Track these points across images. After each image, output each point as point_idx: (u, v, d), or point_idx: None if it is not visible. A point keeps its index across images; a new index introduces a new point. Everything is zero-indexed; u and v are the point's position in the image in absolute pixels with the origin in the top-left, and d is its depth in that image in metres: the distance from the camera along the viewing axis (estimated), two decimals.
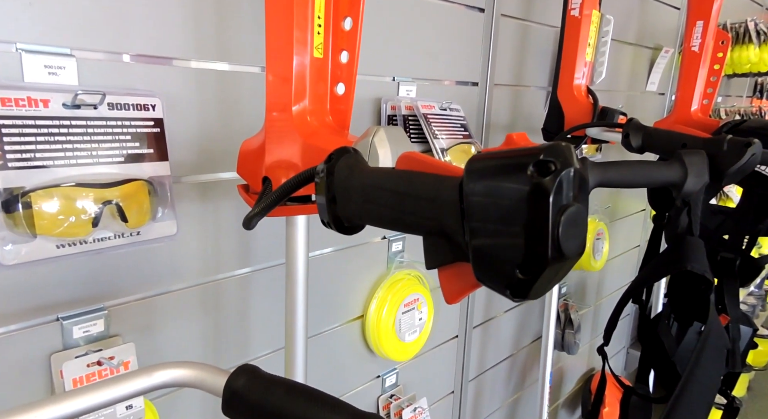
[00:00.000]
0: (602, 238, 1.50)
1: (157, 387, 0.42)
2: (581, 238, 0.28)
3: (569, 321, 1.54)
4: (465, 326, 1.21)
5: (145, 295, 0.63)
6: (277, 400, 0.40)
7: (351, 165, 0.39)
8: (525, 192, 0.26)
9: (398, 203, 0.34)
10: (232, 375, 0.41)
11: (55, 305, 0.56)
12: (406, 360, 1.02)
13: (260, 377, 0.41)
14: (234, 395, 0.41)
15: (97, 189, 0.49)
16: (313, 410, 0.40)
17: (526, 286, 0.28)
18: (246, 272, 0.75)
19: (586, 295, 1.69)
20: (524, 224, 0.27)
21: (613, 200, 1.71)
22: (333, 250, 0.87)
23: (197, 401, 0.72)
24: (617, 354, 2.01)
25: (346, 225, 0.40)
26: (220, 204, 0.69)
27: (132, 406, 0.58)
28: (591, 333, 1.76)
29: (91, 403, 0.38)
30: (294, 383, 0.41)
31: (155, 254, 0.62)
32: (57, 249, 0.48)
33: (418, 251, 1.03)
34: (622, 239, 1.82)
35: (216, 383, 0.42)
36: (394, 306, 0.95)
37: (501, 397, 1.41)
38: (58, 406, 0.37)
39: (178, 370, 0.42)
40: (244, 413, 0.41)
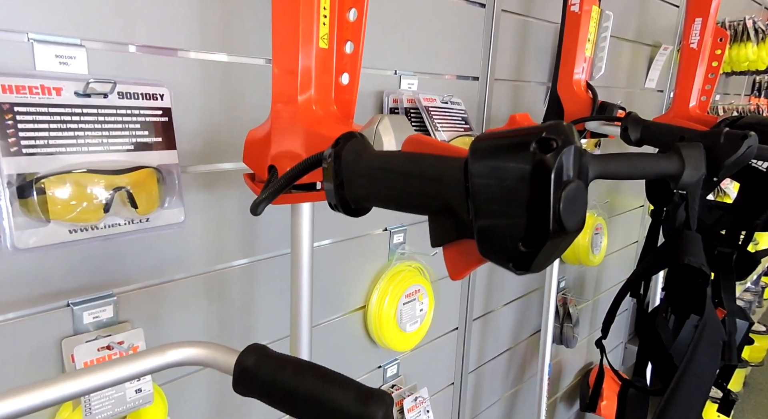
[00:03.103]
0: (601, 233, 1.52)
1: (169, 366, 0.43)
2: (581, 213, 0.29)
3: (568, 315, 1.56)
4: (465, 318, 1.23)
5: (153, 282, 0.64)
6: (286, 377, 0.41)
7: (358, 149, 0.40)
8: (528, 168, 0.28)
9: (404, 183, 0.35)
10: (242, 354, 0.43)
11: (66, 291, 0.57)
12: (407, 350, 1.03)
13: (269, 355, 0.43)
14: (244, 372, 0.42)
15: (108, 176, 0.50)
16: (322, 386, 0.41)
17: (528, 259, 0.29)
18: (251, 261, 0.76)
19: (585, 289, 1.70)
20: (527, 199, 0.28)
21: (612, 195, 1.72)
22: (335, 241, 0.88)
23: (204, 387, 0.73)
24: (615, 349, 2.02)
25: (353, 207, 0.41)
26: (226, 194, 0.70)
27: (141, 390, 0.59)
28: (589, 327, 1.78)
29: (107, 380, 0.40)
30: (302, 361, 0.43)
31: (163, 241, 0.63)
32: (69, 234, 0.49)
33: (419, 242, 1.05)
34: (621, 234, 1.84)
35: (226, 361, 0.43)
36: (395, 297, 0.96)
37: (500, 389, 1.43)
38: (75, 382, 0.38)
39: (190, 349, 0.44)
40: (254, 389, 0.42)
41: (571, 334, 1.54)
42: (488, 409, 1.39)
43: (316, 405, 0.40)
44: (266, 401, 0.42)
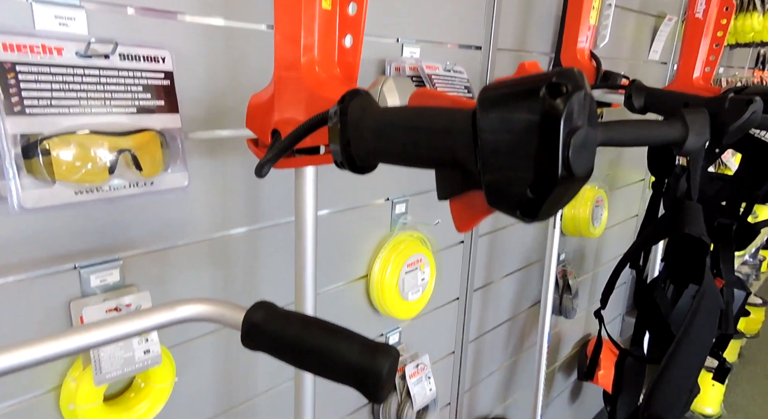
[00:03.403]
0: (601, 205, 1.52)
1: (178, 322, 0.44)
2: (590, 159, 0.29)
3: (567, 287, 1.57)
4: (466, 288, 1.24)
5: (159, 247, 0.65)
6: (293, 331, 0.42)
7: (363, 105, 0.40)
8: (537, 114, 0.28)
9: (412, 137, 0.35)
10: (250, 310, 0.43)
11: (73, 254, 0.57)
12: (409, 318, 1.04)
13: (277, 311, 0.43)
14: (252, 327, 0.43)
15: (112, 137, 0.50)
16: (328, 339, 0.42)
17: (535, 206, 0.29)
18: (255, 228, 0.76)
19: (585, 262, 1.72)
20: (536, 145, 0.28)
21: (613, 168, 1.72)
22: (337, 211, 0.88)
23: (210, 351, 0.74)
24: (613, 321, 2.05)
25: (359, 165, 0.41)
26: (229, 160, 0.70)
27: (149, 351, 0.60)
28: (588, 299, 1.80)
29: (118, 333, 0.40)
30: (308, 316, 0.43)
31: (168, 206, 0.63)
32: (75, 195, 0.49)
33: (420, 213, 1.05)
34: (621, 208, 1.84)
35: (235, 317, 0.44)
36: (397, 266, 0.97)
37: (500, 359, 1.45)
38: (88, 334, 0.39)
39: (199, 306, 0.44)
40: (263, 343, 0.43)
41: (570, 305, 1.56)
42: (488, 378, 1.42)
43: (323, 358, 0.41)
44: (274, 354, 0.43)
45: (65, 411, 0.57)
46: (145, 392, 0.62)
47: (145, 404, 0.62)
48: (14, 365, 0.35)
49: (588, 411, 2.04)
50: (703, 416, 1.96)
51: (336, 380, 0.41)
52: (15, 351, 0.36)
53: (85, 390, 0.56)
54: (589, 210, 1.47)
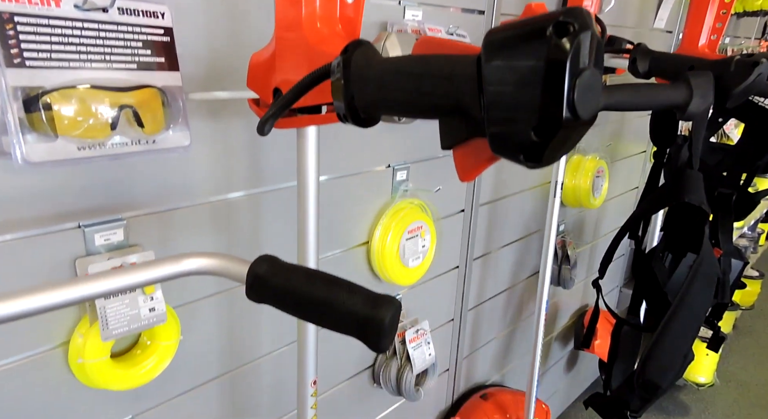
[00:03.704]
0: (602, 176, 1.52)
1: (184, 274, 0.45)
2: (596, 101, 0.29)
3: (566, 257, 1.59)
4: (466, 257, 1.25)
5: (162, 209, 0.65)
6: (297, 283, 0.43)
7: (367, 55, 0.39)
8: (544, 54, 0.27)
9: (415, 85, 0.35)
10: (254, 263, 0.44)
11: (77, 212, 0.57)
12: (409, 284, 1.06)
13: (280, 263, 0.44)
14: (257, 279, 0.43)
15: (113, 93, 0.50)
16: (332, 291, 0.42)
17: (539, 149, 0.29)
18: (257, 192, 0.76)
19: (584, 233, 1.73)
20: (541, 86, 0.28)
21: (614, 139, 1.71)
22: (338, 177, 0.88)
23: (215, 312, 0.75)
24: (610, 293, 2.08)
25: (362, 117, 0.41)
26: (231, 123, 0.70)
27: (154, 309, 0.61)
28: (587, 270, 1.82)
29: (126, 283, 0.41)
30: (312, 269, 0.44)
31: (170, 165, 0.63)
32: (78, 151, 0.49)
33: (421, 180, 1.05)
34: (621, 180, 1.84)
35: (239, 270, 0.44)
36: (398, 233, 0.98)
37: (498, 327, 1.48)
38: (97, 282, 0.39)
39: (205, 259, 0.45)
40: (267, 295, 0.43)
41: (569, 276, 1.58)
42: (486, 345, 1.45)
43: (326, 309, 0.42)
44: (278, 306, 0.43)
45: (74, 366, 0.59)
46: (151, 349, 0.64)
47: (152, 360, 0.63)
48: (24, 310, 0.36)
49: (583, 381, 2.09)
50: (696, 384, 2.00)
51: (339, 330, 0.42)
52: (25, 297, 0.36)
53: (92, 345, 0.57)
54: (589, 181, 1.47)
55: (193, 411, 0.76)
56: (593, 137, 1.59)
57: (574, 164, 1.49)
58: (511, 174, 1.31)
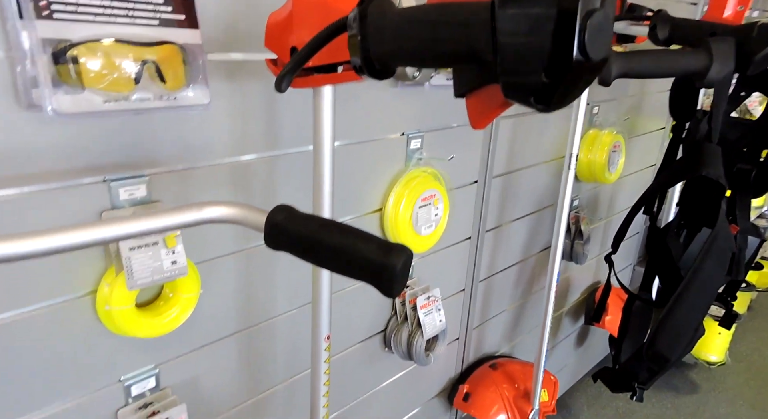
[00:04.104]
0: (618, 151, 1.50)
1: (206, 221, 0.47)
2: (605, 44, 0.30)
3: (579, 233, 1.59)
4: (478, 228, 1.26)
5: (182, 167, 0.67)
6: (313, 231, 0.45)
7: (383, 6, 0.40)
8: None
9: (431, 33, 0.36)
10: (272, 212, 0.46)
11: (102, 166, 0.60)
12: (421, 252, 1.07)
13: (297, 213, 0.46)
14: (274, 227, 0.45)
15: (136, 47, 0.51)
16: (346, 238, 0.44)
17: (549, 91, 0.30)
18: (273, 155, 0.78)
19: (598, 209, 1.72)
20: (553, 27, 0.29)
21: (633, 114, 1.69)
22: (353, 142, 0.90)
23: (233, 271, 0.78)
24: (624, 270, 2.07)
25: (378, 68, 0.42)
26: (249, 85, 0.71)
27: (176, 262, 0.64)
28: (600, 247, 1.82)
29: (152, 226, 0.43)
30: (327, 219, 0.46)
31: (190, 123, 0.65)
32: (104, 104, 0.51)
33: (435, 150, 1.06)
34: (638, 156, 1.82)
35: (258, 219, 0.46)
36: (411, 200, 0.99)
37: (509, 300, 1.49)
38: (124, 225, 0.41)
39: (225, 208, 0.47)
40: (284, 243, 0.45)
41: (581, 251, 1.58)
42: (496, 317, 1.47)
43: (341, 255, 0.44)
44: (295, 253, 0.45)
45: (101, 312, 0.62)
46: (174, 301, 0.67)
47: (174, 311, 0.66)
48: (57, 246, 0.38)
49: (593, 356, 2.11)
50: (707, 363, 2.01)
51: (353, 276, 0.44)
52: (58, 234, 0.39)
53: (118, 294, 0.60)
54: (605, 155, 1.46)
55: (212, 363, 0.80)
56: (610, 110, 1.57)
57: (590, 139, 1.48)
58: (525, 147, 1.31)
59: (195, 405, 0.79)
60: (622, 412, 1.94)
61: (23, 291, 0.58)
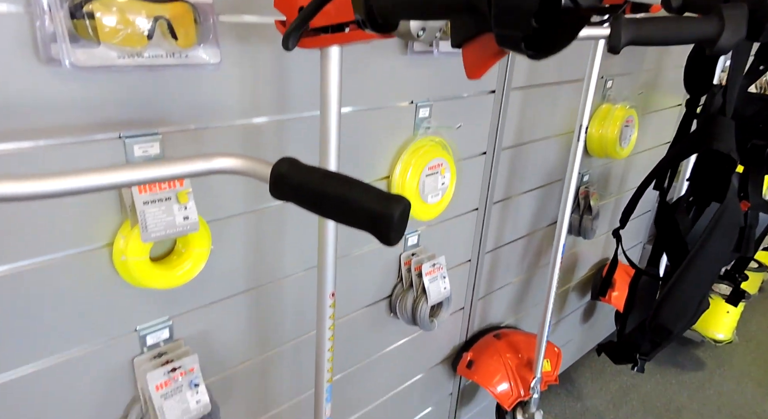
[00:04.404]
0: (631, 125, 1.49)
1: (214, 171, 0.49)
2: None
3: (588, 208, 1.59)
4: (486, 200, 1.27)
5: (194, 127, 0.70)
6: (316, 182, 0.47)
7: None
8: None
9: None
10: (277, 163, 0.48)
11: (118, 123, 0.62)
12: (428, 220, 1.09)
13: (300, 164, 0.48)
14: (279, 178, 0.47)
15: (149, 4, 0.53)
16: (347, 189, 0.46)
17: (539, 37, 0.31)
18: (282, 119, 0.80)
19: (609, 185, 1.72)
20: None
21: (648, 89, 1.66)
22: (362, 109, 0.91)
23: (243, 231, 0.81)
24: (633, 248, 2.07)
25: (380, 22, 0.43)
26: (259, 47, 0.73)
27: (188, 217, 0.67)
28: (609, 224, 1.82)
29: (162, 173, 0.46)
30: (329, 170, 0.48)
31: (201, 82, 0.67)
32: (118, 59, 0.53)
33: (444, 119, 1.07)
34: (653, 133, 1.80)
35: (263, 170, 0.49)
36: (418, 168, 1.01)
37: (515, 273, 1.51)
38: (137, 171, 0.44)
39: (233, 159, 0.49)
40: (288, 192, 0.48)
41: (590, 226, 1.58)
42: (502, 289, 1.49)
43: (342, 204, 0.46)
44: (298, 203, 0.48)
45: (117, 263, 0.65)
46: (186, 255, 0.70)
47: (187, 264, 0.69)
48: (73, 188, 0.41)
49: (599, 333, 2.13)
50: (714, 341, 2.01)
51: (353, 225, 0.46)
52: (75, 176, 0.41)
53: (134, 245, 0.63)
54: (617, 130, 1.45)
55: (222, 319, 0.84)
56: (625, 85, 1.55)
57: (602, 113, 1.47)
58: (536, 119, 1.31)
59: (206, 358, 0.83)
60: (626, 387, 1.97)
61: (45, 240, 0.61)
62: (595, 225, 1.60)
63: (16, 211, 0.58)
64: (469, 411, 1.58)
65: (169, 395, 0.73)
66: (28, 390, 0.65)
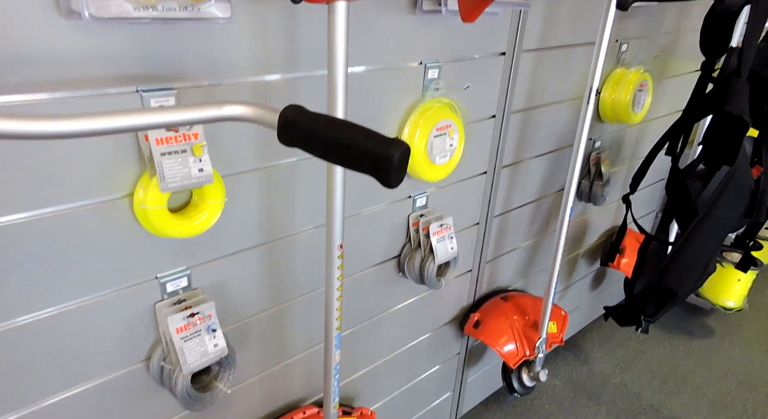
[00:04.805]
0: (645, 90, 1.47)
1: (225, 118, 0.52)
2: None
3: (599, 174, 1.59)
4: (495, 164, 1.29)
5: (207, 83, 0.72)
6: (321, 127, 0.49)
7: None
8: None
9: None
10: (284, 110, 0.51)
11: (135, 77, 0.65)
12: (435, 180, 1.11)
13: (306, 111, 0.50)
14: (286, 123, 0.50)
15: None
16: (350, 134, 0.48)
17: None
18: (293, 77, 0.82)
19: (622, 152, 1.71)
20: None
21: (666, 55, 1.63)
22: (370, 69, 0.92)
23: (256, 187, 0.84)
24: (645, 217, 2.07)
25: None
26: (269, 4, 0.74)
27: (203, 169, 0.70)
28: (621, 191, 1.81)
29: (175, 118, 0.49)
30: (333, 117, 0.50)
31: (214, 38, 0.69)
32: (133, 11, 0.56)
33: (453, 80, 1.07)
34: (668, 99, 1.77)
35: (271, 116, 0.51)
36: (426, 129, 1.02)
37: (523, 237, 1.53)
38: (152, 115, 0.47)
39: (242, 107, 0.52)
40: (294, 138, 0.50)
41: (600, 192, 1.59)
42: (510, 253, 1.51)
43: (345, 148, 0.48)
44: (304, 148, 0.50)
45: (137, 211, 0.69)
46: (202, 207, 0.74)
47: (203, 215, 0.73)
48: (93, 128, 0.44)
49: (607, 300, 2.15)
50: (723, 308, 2.02)
51: (356, 168, 0.49)
52: (95, 118, 0.44)
53: (153, 195, 0.67)
54: (630, 95, 1.43)
55: (237, 271, 0.88)
56: (640, 48, 1.52)
57: (615, 77, 1.46)
58: (547, 83, 1.30)
59: (222, 307, 0.88)
60: (633, 353, 2.00)
61: (73, 189, 0.66)
62: (605, 192, 1.60)
63: (47, 161, 0.62)
64: (476, 372, 1.63)
65: (189, 338, 0.78)
66: (58, 330, 0.71)
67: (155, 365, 0.80)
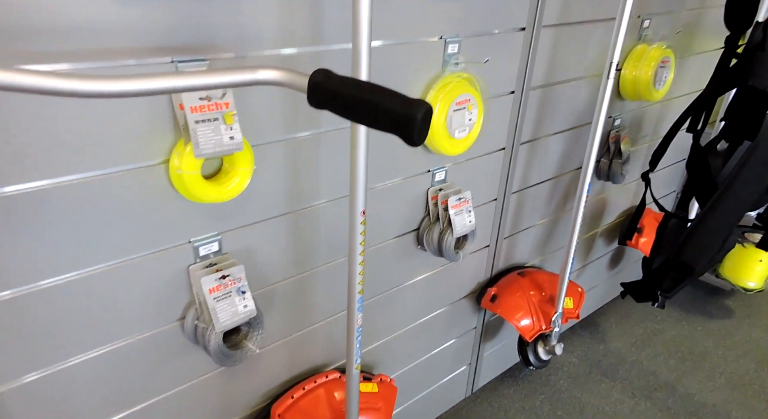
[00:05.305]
0: (667, 66, 1.46)
1: (258, 82, 0.55)
2: None
3: (618, 152, 1.59)
4: (513, 140, 1.30)
5: (237, 55, 0.76)
6: (348, 89, 0.52)
7: None
8: None
9: None
10: (313, 73, 0.54)
11: (169, 48, 0.69)
12: (454, 154, 1.14)
13: (334, 74, 0.53)
14: (315, 86, 0.53)
15: None
16: (376, 96, 0.51)
17: None
18: (317, 50, 0.85)
19: (642, 130, 1.70)
20: None
21: (690, 31, 1.61)
22: (391, 43, 0.94)
23: (282, 157, 0.88)
24: (666, 197, 2.06)
25: None
26: None
27: (233, 138, 0.74)
28: (640, 169, 1.81)
29: (212, 81, 0.52)
30: (359, 79, 0.53)
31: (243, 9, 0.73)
32: None
33: (473, 55, 1.09)
34: (692, 77, 1.75)
35: (302, 80, 0.54)
36: (446, 103, 1.04)
37: (541, 214, 1.55)
38: (191, 78, 0.50)
39: (274, 71, 0.55)
40: (324, 100, 0.53)
41: (619, 170, 1.59)
42: (527, 230, 1.53)
43: (371, 109, 0.51)
44: (333, 110, 0.54)
45: (173, 176, 0.74)
46: (233, 174, 0.78)
47: (233, 181, 0.77)
48: (129, 90, 0.47)
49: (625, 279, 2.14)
50: (744, 289, 2.01)
51: (382, 127, 0.52)
52: (137, 80, 0.48)
53: (188, 161, 0.71)
54: (651, 72, 1.43)
55: (265, 238, 0.92)
56: (663, 24, 1.51)
57: (637, 54, 1.45)
58: (567, 59, 1.31)
59: (250, 272, 0.93)
60: (650, 331, 2.01)
61: (111, 156, 0.70)
62: (624, 170, 1.60)
63: (91, 129, 0.67)
64: (492, 346, 1.67)
65: (221, 298, 0.83)
66: (100, 288, 0.76)
67: (189, 323, 0.85)
